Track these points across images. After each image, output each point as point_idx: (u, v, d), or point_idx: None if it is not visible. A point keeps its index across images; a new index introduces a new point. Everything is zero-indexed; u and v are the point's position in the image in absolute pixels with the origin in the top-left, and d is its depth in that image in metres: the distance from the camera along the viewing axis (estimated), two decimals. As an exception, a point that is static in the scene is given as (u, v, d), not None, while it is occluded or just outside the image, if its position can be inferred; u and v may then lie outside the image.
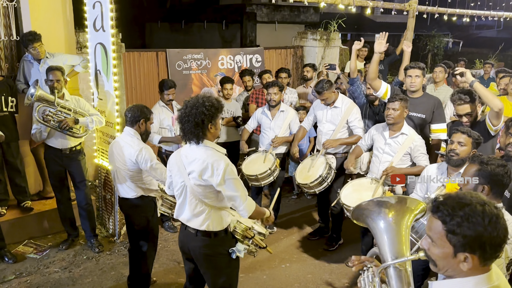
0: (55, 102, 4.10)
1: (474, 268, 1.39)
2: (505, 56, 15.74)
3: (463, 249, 1.36)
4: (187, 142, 2.69)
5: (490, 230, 1.33)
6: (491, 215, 1.34)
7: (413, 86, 4.18)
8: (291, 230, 5.21)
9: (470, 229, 1.34)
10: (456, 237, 1.36)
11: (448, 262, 1.42)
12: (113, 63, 4.38)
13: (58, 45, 4.96)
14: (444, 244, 1.40)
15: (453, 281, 1.44)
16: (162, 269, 4.27)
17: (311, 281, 4.16)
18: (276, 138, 4.82)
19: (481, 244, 1.34)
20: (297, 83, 7.80)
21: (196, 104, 2.61)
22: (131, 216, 3.67)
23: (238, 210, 2.73)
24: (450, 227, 1.37)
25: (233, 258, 2.85)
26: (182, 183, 2.75)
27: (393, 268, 1.71)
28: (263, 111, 4.98)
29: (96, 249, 4.52)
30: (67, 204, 4.57)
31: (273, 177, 4.63)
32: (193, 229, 2.77)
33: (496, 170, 2.24)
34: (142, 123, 3.49)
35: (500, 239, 1.34)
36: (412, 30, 7.44)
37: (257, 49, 7.57)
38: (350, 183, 4.04)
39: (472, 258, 1.37)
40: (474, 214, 1.34)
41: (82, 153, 4.51)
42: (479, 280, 1.40)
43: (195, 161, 2.65)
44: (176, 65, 6.40)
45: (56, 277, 4.11)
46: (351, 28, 19.41)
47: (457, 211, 1.36)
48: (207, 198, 2.70)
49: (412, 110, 4.17)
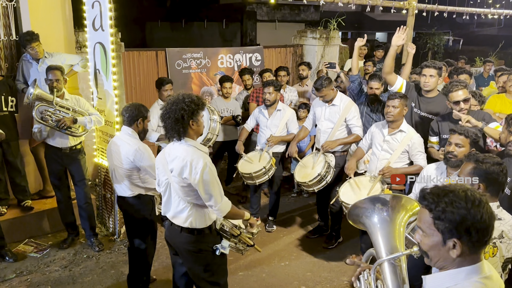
0: (53, 101, 4.11)
1: (464, 257, 1.42)
2: (506, 54, 15.70)
3: (451, 234, 1.40)
4: (170, 139, 2.73)
5: (473, 213, 1.36)
6: (474, 199, 1.38)
7: (426, 86, 4.06)
8: (290, 228, 5.22)
9: (454, 214, 1.38)
10: (442, 223, 1.40)
11: (439, 251, 1.45)
12: (112, 63, 4.39)
13: (57, 44, 4.97)
14: (433, 232, 1.44)
15: (445, 273, 1.46)
16: (161, 267, 4.28)
17: (310, 279, 4.17)
18: (271, 137, 4.81)
19: (466, 228, 1.37)
20: (297, 81, 7.81)
21: (176, 101, 2.66)
22: (129, 215, 3.68)
23: (213, 210, 2.76)
24: (436, 214, 1.42)
25: (217, 254, 2.89)
26: (166, 180, 2.80)
27: (388, 264, 1.73)
28: (261, 110, 4.99)
29: (96, 247, 4.54)
30: (67, 203, 4.58)
31: (269, 176, 4.63)
32: (178, 225, 2.83)
33: (491, 168, 2.24)
34: (140, 122, 3.50)
35: (485, 223, 1.37)
36: (412, 28, 7.45)
37: (257, 48, 7.58)
38: (348, 181, 4.05)
39: (460, 244, 1.40)
40: (457, 199, 1.39)
41: (82, 152, 4.53)
42: (470, 270, 1.43)
43: (175, 159, 2.69)
44: (176, 64, 6.41)
45: (56, 275, 4.13)
46: (352, 27, 19.39)
47: (441, 198, 1.42)
48: (187, 195, 2.74)
49: (423, 110, 4.12)
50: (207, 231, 2.86)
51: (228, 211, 2.78)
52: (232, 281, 4.08)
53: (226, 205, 2.77)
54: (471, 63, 9.63)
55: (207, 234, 2.87)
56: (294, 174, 4.54)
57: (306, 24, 13.18)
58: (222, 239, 2.95)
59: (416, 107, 4.18)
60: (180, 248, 2.90)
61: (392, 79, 4.28)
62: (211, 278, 2.96)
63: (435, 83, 4.07)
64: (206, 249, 2.88)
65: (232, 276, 4.14)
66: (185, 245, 2.85)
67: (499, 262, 2.11)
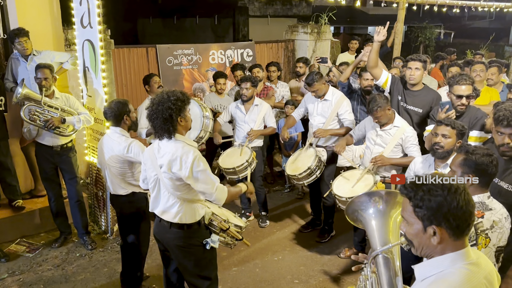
0: (41, 101, 4.08)
1: (446, 244, 1.45)
2: (496, 47, 15.77)
3: (430, 222, 1.44)
4: (159, 138, 2.73)
5: (450, 200, 1.40)
6: (450, 186, 1.42)
7: (412, 79, 4.08)
8: (283, 223, 5.24)
9: (431, 201, 1.42)
10: (421, 211, 1.44)
11: (421, 239, 1.48)
12: (101, 60, 4.36)
13: (46, 42, 4.92)
14: (414, 220, 1.48)
15: (431, 260, 1.49)
16: (155, 264, 4.28)
17: (303, 273, 4.19)
18: (252, 131, 4.82)
19: (444, 215, 1.41)
20: (289, 77, 7.81)
21: (161, 100, 2.65)
22: (123, 213, 3.68)
23: (211, 201, 2.79)
24: (415, 202, 1.46)
25: (207, 249, 2.90)
26: (155, 176, 2.80)
27: (381, 257, 1.76)
28: (237, 105, 4.97)
29: (89, 246, 4.53)
30: (59, 202, 4.56)
31: (251, 169, 4.64)
32: (167, 221, 2.83)
33: (481, 159, 2.24)
34: (126, 119, 3.47)
35: (462, 210, 1.40)
36: (402, 22, 7.45)
37: (248, 44, 7.56)
38: (342, 175, 4.06)
39: (440, 231, 1.43)
40: (434, 187, 1.43)
41: (73, 150, 4.50)
42: (455, 256, 1.45)
43: (165, 154, 2.69)
44: (167, 60, 6.38)
45: (49, 274, 4.12)
46: (343, 21, 19.38)
47: (420, 186, 1.46)
48: (178, 190, 2.74)
49: (409, 104, 4.14)
50: (197, 226, 2.87)
51: (225, 197, 2.78)
52: (226, 276, 4.09)
53: (223, 192, 2.77)
54: (462, 56, 9.65)
55: (197, 229, 2.88)
56: (285, 167, 4.53)
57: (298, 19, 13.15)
58: (211, 234, 2.97)
59: (402, 100, 4.19)
60: (169, 244, 2.91)
61: (377, 73, 4.29)
62: (202, 273, 2.97)
63: (420, 76, 4.08)
64: (196, 244, 2.89)
65: (225, 272, 4.16)
66: (174, 240, 2.86)
67: (492, 252, 2.13)
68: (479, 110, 3.65)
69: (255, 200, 5.27)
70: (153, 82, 4.78)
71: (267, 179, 6.43)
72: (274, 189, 6.22)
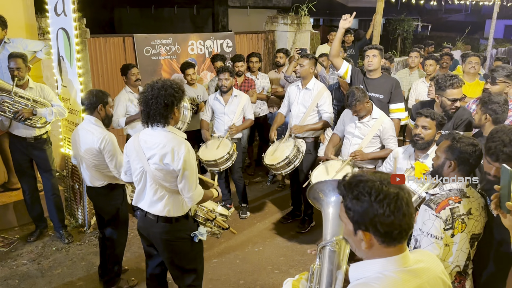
0: (12, 91, 3.94)
1: (376, 249, 1.37)
2: (472, 40, 16.10)
3: (358, 226, 1.36)
4: (150, 125, 2.63)
5: (376, 207, 1.31)
6: (379, 192, 1.32)
7: (370, 65, 4.28)
8: (264, 214, 5.25)
9: (358, 205, 1.34)
10: (351, 213, 1.36)
11: (353, 241, 1.42)
12: (76, 49, 4.23)
13: (18, 31, 4.74)
14: (347, 221, 1.40)
15: (362, 263, 1.43)
16: (133, 257, 4.23)
17: (283, 263, 4.21)
18: (234, 127, 4.81)
19: (371, 221, 1.32)
20: (269, 68, 7.78)
21: (164, 85, 2.57)
22: (100, 205, 3.62)
23: (184, 197, 2.71)
24: (346, 203, 1.39)
25: (195, 241, 2.86)
26: (141, 168, 2.70)
27: (328, 249, 1.71)
28: (216, 97, 4.93)
29: (66, 240, 4.44)
30: (33, 195, 4.44)
31: (232, 161, 4.63)
32: (154, 215, 2.75)
33: (465, 148, 2.29)
34: (100, 109, 3.39)
35: (389, 218, 1.31)
36: (381, 14, 7.48)
37: (228, 34, 7.48)
38: (321, 165, 4.09)
39: (366, 236, 1.36)
40: (363, 191, 1.33)
41: (48, 142, 4.38)
42: (386, 262, 1.37)
43: (155, 145, 2.61)
44: (144, 50, 6.26)
45: (24, 269, 4.02)
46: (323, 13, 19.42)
47: (352, 187, 1.37)
48: (167, 182, 2.67)
49: (371, 91, 4.25)
50: (184, 219, 2.81)
51: (199, 200, 2.75)
52: (206, 268, 4.04)
53: (199, 195, 2.73)
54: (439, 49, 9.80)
55: (184, 221, 2.82)
56: (264, 157, 4.53)
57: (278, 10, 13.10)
58: (198, 226, 2.92)
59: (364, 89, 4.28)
60: (156, 239, 2.82)
61: (338, 63, 4.41)
62: (189, 266, 2.93)
63: (378, 63, 4.29)
64: (184, 237, 2.83)
65: (205, 263, 4.09)
66: (162, 235, 2.77)
67: (467, 238, 2.18)
68: (465, 110, 3.69)
69: (235, 191, 5.26)
70: (130, 74, 4.68)
71: (247, 170, 6.43)
72: (254, 181, 6.22)
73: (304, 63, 4.45)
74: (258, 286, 3.88)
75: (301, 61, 4.50)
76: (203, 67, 6.92)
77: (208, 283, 3.86)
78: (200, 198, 2.75)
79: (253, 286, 3.88)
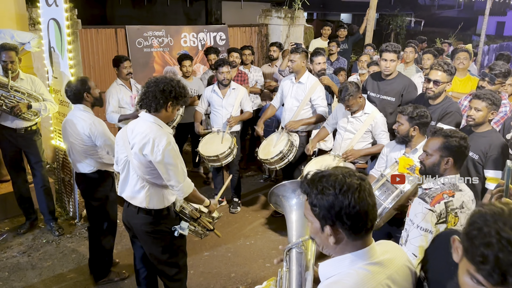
0: (8, 85, 3.91)
1: (345, 244, 1.38)
2: (464, 36, 16.21)
3: (325, 221, 1.35)
4: (141, 107, 2.66)
5: (341, 199, 1.31)
6: (343, 184, 1.32)
7: (387, 70, 4.15)
8: (256, 208, 5.26)
9: (324, 200, 1.33)
10: (317, 209, 1.35)
11: (321, 238, 1.41)
12: (68, 40, 4.19)
13: (8, 22, 4.69)
14: (313, 219, 1.39)
15: (332, 260, 1.42)
16: (124, 250, 4.22)
17: (275, 256, 4.14)
18: (231, 118, 4.79)
19: (337, 215, 1.32)
20: (262, 61, 7.76)
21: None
22: (88, 192, 3.60)
23: (173, 190, 2.73)
24: (310, 200, 1.37)
25: (175, 236, 2.86)
26: (125, 157, 2.73)
27: (295, 251, 1.69)
28: (213, 90, 4.89)
29: (56, 232, 4.41)
30: (23, 187, 4.41)
31: (233, 156, 4.63)
32: (135, 206, 2.77)
33: (460, 142, 2.31)
34: (87, 96, 3.41)
35: (355, 209, 1.31)
36: (374, 9, 7.51)
37: (221, 27, 7.44)
38: (313, 160, 4.10)
39: (335, 231, 1.35)
40: (327, 185, 1.33)
41: (38, 133, 4.34)
42: (355, 256, 1.37)
43: (138, 134, 2.62)
44: (137, 42, 6.21)
45: (14, 261, 4.00)
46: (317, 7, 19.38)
47: (315, 183, 1.36)
48: (146, 174, 2.68)
49: (383, 93, 4.19)
50: (165, 212, 2.83)
51: (189, 192, 2.75)
52: (197, 261, 4.09)
53: (188, 187, 2.73)
54: (432, 44, 9.86)
55: (166, 215, 2.83)
56: (258, 151, 4.53)
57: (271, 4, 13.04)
58: (181, 221, 2.92)
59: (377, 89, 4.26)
60: (137, 230, 2.85)
61: None
62: (170, 260, 2.94)
63: (395, 67, 4.15)
64: (165, 230, 2.84)
65: (197, 256, 4.15)
66: (142, 226, 2.80)
67: None
68: (453, 104, 3.68)
69: (228, 185, 5.25)
70: (122, 67, 4.63)
71: (240, 164, 6.41)
72: (247, 175, 6.22)
73: (295, 58, 4.44)
74: (249, 279, 3.90)
75: (291, 57, 4.48)
76: (196, 59, 6.88)
77: (199, 276, 3.87)
78: (191, 191, 2.75)
79: (244, 279, 3.89)
